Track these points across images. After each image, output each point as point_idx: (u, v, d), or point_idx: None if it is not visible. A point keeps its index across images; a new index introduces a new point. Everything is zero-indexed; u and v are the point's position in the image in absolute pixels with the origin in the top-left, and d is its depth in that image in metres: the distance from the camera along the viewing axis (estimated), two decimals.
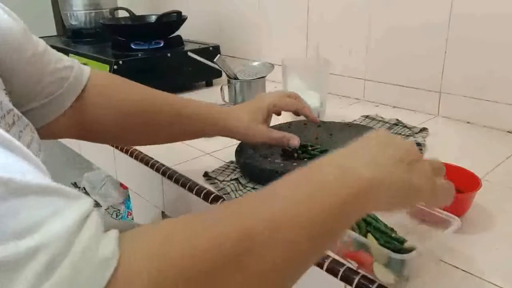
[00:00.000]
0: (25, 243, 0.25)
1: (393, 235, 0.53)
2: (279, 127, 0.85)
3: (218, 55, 1.05)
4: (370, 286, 0.49)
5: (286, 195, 0.34)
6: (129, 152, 0.87)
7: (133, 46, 1.29)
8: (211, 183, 0.72)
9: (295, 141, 0.72)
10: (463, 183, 0.62)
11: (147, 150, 0.84)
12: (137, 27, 1.41)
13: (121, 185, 1.83)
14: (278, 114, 0.76)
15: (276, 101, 0.73)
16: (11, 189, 0.26)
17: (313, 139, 0.81)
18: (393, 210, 0.44)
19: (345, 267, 0.52)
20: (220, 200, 0.68)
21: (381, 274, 0.49)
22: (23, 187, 0.26)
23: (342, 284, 0.51)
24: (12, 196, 0.25)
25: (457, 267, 0.51)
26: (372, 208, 0.41)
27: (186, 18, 1.33)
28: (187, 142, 0.89)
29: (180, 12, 1.31)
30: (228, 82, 1.08)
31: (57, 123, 0.61)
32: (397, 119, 0.96)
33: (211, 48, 1.31)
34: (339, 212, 0.35)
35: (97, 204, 1.84)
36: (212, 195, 0.69)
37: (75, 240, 0.27)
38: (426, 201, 0.45)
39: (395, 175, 0.39)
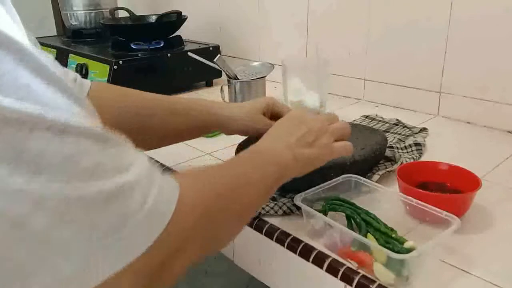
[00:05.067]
0: (132, 173, 0.33)
1: (393, 235, 0.53)
2: None
3: (218, 55, 1.05)
4: (370, 286, 0.49)
5: (241, 172, 0.51)
6: None
7: (133, 46, 1.29)
8: None
9: None
10: (463, 183, 0.62)
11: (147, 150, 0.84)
12: (137, 27, 1.41)
13: None
14: (274, 116, 0.75)
15: (273, 100, 0.74)
16: (106, 139, 0.33)
17: None
18: (309, 171, 0.59)
19: (345, 267, 0.52)
20: None
21: (381, 274, 0.49)
22: (112, 139, 0.33)
23: (342, 284, 0.51)
24: (113, 145, 0.33)
25: (457, 267, 0.51)
26: (289, 175, 0.55)
27: (186, 18, 1.33)
28: (187, 142, 0.89)
29: (180, 12, 1.31)
30: (228, 82, 1.07)
31: None
32: (397, 119, 0.96)
33: (211, 48, 1.31)
34: (270, 181, 0.52)
35: None
36: None
37: (153, 177, 0.36)
38: (326, 160, 0.60)
39: (302, 154, 0.56)
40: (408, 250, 0.48)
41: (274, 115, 0.74)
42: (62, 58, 1.37)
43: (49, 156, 0.28)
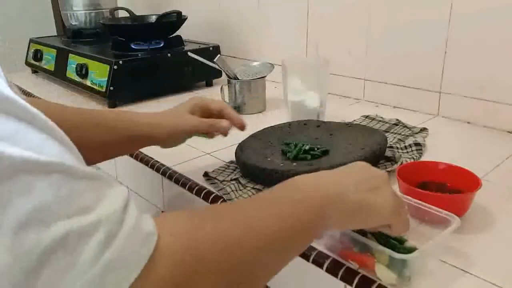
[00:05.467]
0: (87, 218, 0.29)
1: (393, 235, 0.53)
2: (279, 127, 0.85)
3: (218, 55, 1.05)
4: (370, 286, 0.49)
5: (259, 216, 0.41)
6: None
7: (133, 46, 1.29)
8: (211, 183, 0.72)
9: (223, 122, 0.70)
10: (463, 183, 0.62)
11: (147, 150, 0.84)
12: (137, 27, 1.41)
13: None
14: (206, 114, 0.73)
15: (200, 99, 0.73)
16: (70, 174, 0.30)
17: (313, 139, 0.81)
18: (354, 227, 0.49)
19: (345, 267, 0.52)
20: (220, 200, 0.68)
21: (383, 274, 0.49)
22: (79, 173, 0.30)
23: (342, 284, 0.51)
24: (71, 180, 0.29)
25: (457, 267, 0.51)
26: (332, 222, 0.44)
27: (186, 18, 1.34)
28: (187, 142, 0.89)
29: (180, 12, 1.32)
30: (228, 82, 1.08)
31: None
32: (397, 119, 0.96)
33: (211, 48, 1.31)
34: (301, 229, 0.43)
35: None
36: (212, 195, 0.69)
37: (125, 217, 0.31)
38: (385, 222, 0.48)
39: (354, 192, 0.45)
40: (409, 250, 0.48)
41: (205, 112, 0.73)
42: (62, 58, 1.37)
43: None
